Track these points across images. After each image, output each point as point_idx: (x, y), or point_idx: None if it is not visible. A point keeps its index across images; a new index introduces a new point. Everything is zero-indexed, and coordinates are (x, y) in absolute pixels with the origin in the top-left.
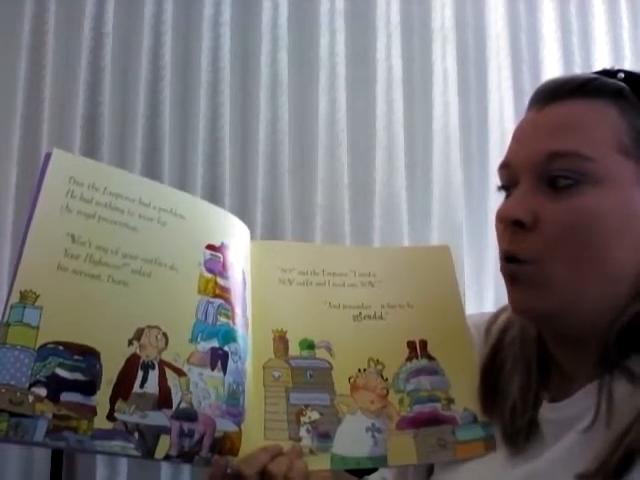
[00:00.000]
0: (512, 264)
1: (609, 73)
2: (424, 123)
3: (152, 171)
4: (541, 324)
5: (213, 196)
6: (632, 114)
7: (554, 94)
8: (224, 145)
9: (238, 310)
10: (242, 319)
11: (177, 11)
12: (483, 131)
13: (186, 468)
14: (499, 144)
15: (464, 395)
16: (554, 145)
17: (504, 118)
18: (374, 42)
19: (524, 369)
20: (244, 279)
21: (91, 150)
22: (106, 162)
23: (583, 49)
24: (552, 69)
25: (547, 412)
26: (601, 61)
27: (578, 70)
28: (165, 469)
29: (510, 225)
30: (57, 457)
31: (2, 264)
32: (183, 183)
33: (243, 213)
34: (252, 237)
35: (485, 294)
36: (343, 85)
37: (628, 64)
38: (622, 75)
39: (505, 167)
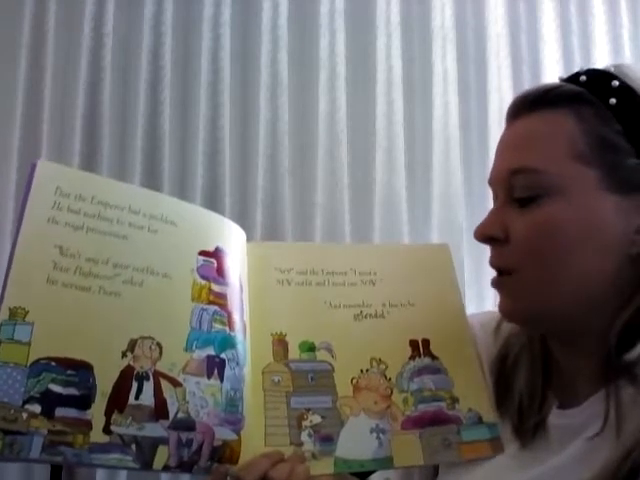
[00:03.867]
0: (496, 276)
1: (575, 76)
2: (424, 123)
3: (152, 171)
4: (528, 327)
5: (213, 196)
6: (590, 120)
7: (518, 109)
8: (224, 145)
9: (235, 315)
10: (240, 324)
11: (177, 11)
12: (483, 131)
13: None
14: None
15: (468, 395)
16: (512, 162)
17: (504, 118)
18: (374, 42)
19: (530, 364)
20: (241, 283)
21: (91, 150)
22: (106, 162)
23: (583, 49)
24: (552, 69)
25: (555, 418)
26: (601, 61)
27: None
28: None
29: (487, 241)
30: None
31: (2, 264)
32: (183, 183)
33: (243, 213)
34: (252, 237)
35: (485, 294)
36: (343, 85)
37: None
38: (584, 78)
39: (489, 184)
